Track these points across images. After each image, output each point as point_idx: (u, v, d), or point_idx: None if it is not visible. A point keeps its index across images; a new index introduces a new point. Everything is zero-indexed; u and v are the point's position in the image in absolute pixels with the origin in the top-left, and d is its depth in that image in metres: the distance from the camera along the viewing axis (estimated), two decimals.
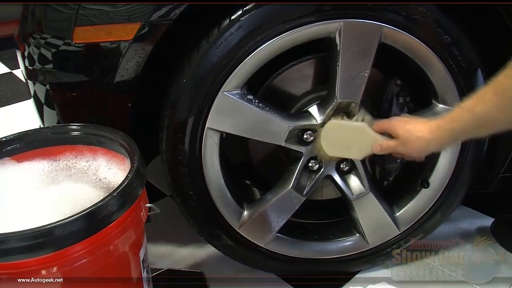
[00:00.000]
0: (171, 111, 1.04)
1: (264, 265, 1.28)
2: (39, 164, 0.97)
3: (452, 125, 0.88)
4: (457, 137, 0.90)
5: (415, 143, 0.94)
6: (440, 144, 0.92)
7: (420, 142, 0.93)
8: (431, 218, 1.25)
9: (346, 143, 1.04)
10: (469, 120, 0.85)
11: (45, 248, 0.71)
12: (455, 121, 0.88)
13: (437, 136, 0.91)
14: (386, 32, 1.00)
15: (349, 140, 1.03)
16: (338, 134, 1.04)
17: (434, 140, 0.91)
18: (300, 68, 1.15)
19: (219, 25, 0.97)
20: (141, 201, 0.85)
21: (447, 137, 0.90)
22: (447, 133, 0.90)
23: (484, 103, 0.83)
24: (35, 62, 1.04)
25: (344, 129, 1.03)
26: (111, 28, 0.97)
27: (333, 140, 1.06)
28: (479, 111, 0.83)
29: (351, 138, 1.03)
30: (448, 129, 0.89)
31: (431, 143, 0.92)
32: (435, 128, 0.91)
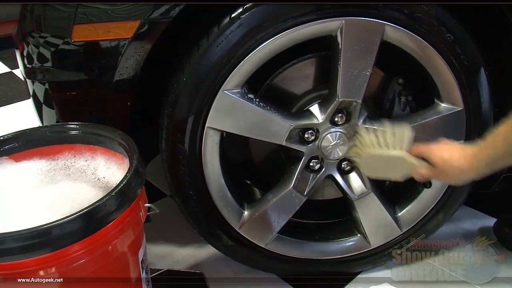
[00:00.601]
0: (171, 110, 1.03)
1: (265, 265, 1.27)
2: (37, 163, 0.96)
3: (487, 152, 0.87)
4: (493, 164, 0.88)
5: (451, 173, 0.93)
6: (476, 173, 0.91)
7: (455, 172, 0.92)
8: (433, 219, 1.24)
9: (385, 167, 1.04)
10: (504, 146, 0.84)
11: (43, 248, 0.70)
12: (490, 148, 0.86)
13: (472, 165, 0.89)
14: (388, 30, 0.99)
15: (388, 165, 1.03)
16: (377, 162, 1.04)
17: (469, 169, 0.90)
18: (301, 67, 1.14)
19: (219, 23, 0.96)
20: (140, 201, 0.84)
21: (483, 165, 0.88)
22: (482, 161, 0.88)
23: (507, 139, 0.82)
24: (34, 60, 1.04)
25: (383, 158, 1.02)
26: (110, 26, 0.96)
27: (372, 166, 1.06)
28: None
29: (390, 164, 1.02)
30: (483, 157, 0.88)
31: (467, 172, 0.91)
32: (471, 156, 0.89)
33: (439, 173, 0.95)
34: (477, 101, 1.09)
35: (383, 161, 1.02)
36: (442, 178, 0.99)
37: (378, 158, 1.03)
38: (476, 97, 1.09)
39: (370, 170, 1.09)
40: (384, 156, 1.01)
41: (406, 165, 1.00)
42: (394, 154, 1.00)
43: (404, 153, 0.99)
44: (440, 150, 0.95)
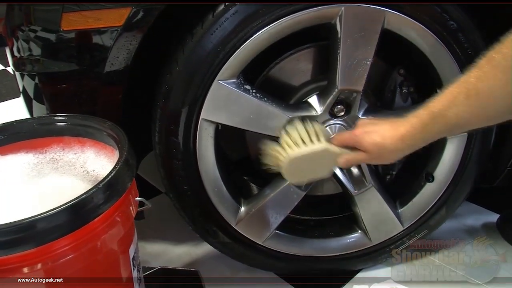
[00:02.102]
0: (164, 101, 1.00)
1: (262, 263, 1.24)
2: (24, 156, 0.92)
3: (424, 132, 0.84)
4: (428, 142, 0.87)
5: (389, 156, 0.90)
6: (411, 149, 0.88)
7: (393, 154, 0.89)
8: (436, 214, 1.21)
9: (309, 167, 0.97)
10: (441, 126, 0.82)
11: (27, 244, 0.66)
12: (427, 128, 0.83)
13: (408, 145, 0.87)
14: (389, 18, 0.96)
15: (312, 163, 0.96)
16: (299, 164, 0.96)
17: (406, 149, 0.88)
18: (299, 57, 1.11)
19: (214, 10, 0.93)
20: (130, 194, 0.80)
21: (419, 143, 0.87)
22: (419, 141, 0.86)
23: (456, 107, 0.78)
24: (23, 50, 1.00)
25: (305, 157, 0.95)
26: (101, 14, 0.93)
27: (295, 170, 0.98)
28: (451, 116, 0.79)
29: (314, 162, 0.96)
30: (420, 137, 0.85)
31: (404, 151, 0.88)
32: (408, 137, 0.86)
33: (374, 158, 0.92)
34: None
35: (307, 160, 0.95)
36: (375, 162, 0.95)
37: (301, 159, 0.95)
38: None
39: (296, 176, 1.00)
40: (307, 154, 0.95)
41: (332, 157, 0.94)
42: (317, 148, 0.94)
43: (326, 144, 0.94)
44: (369, 135, 0.90)
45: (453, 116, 0.79)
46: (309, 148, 0.95)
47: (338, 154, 0.94)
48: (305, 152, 0.95)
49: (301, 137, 0.96)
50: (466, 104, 0.77)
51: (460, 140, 1.10)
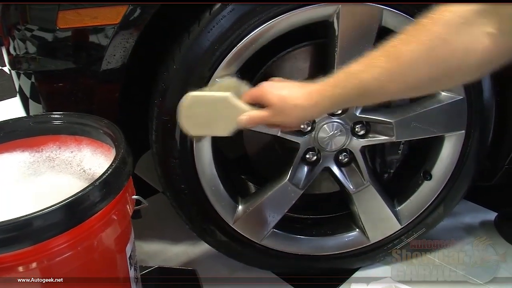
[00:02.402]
0: (161, 99, 0.99)
1: (260, 262, 1.24)
2: (20, 155, 0.92)
3: (334, 91, 0.77)
4: (338, 104, 0.81)
5: (291, 112, 0.82)
6: (319, 111, 0.83)
7: (297, 110, 0.81)
8: (434, 212, 1.21)
9: (209, 118, 0.88)
10: (354, 87, 0.75)
11: (22, 242, 0.65)
12: (339, 87, 0.77)
13: (315, 102, 0.79)
14: (386, 15, 0.95)
15: (213, 114, 0.87)
16: (199, 109, 0.87)
17: (312, 107, 0.80)
18: (296, 55, 1.10)
19: (211, 8, 0.92)
20: (127, 192, 0.80)
21: (327, 103, 0.79)
22: (327, 99, 0.79)
23: (374, 69, 0.72)
24: (19, 49, 1.00)
25: (205, 102, 0.87)
26: (97, 11, 0.92)
27: (193, 116, 0.88)
28: (367, 78, 0.73)
29: (214, 113, 0.87)
30: (329, 95, 0.78)
31: (309, 110, 0.81)
32: (315, 93, 0.79)
33: (276, 115, 0.83)
34: (478, 90, 1.05)
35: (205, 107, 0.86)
36: (279, 120, 0.84)
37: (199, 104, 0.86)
38: (477, 86, 1.05)
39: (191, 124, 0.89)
40: (206, 98, 0.86)
41: (234, 112, 0.85)
42: (219, 95, 0.85)
43: (229, 94, 0.85)
44: (276, 88, 0.84)
45: (369, 77, 0.73)
46: (211, 93, 0.87)
47: (242, 110, 0.85)
48: (205, 95, 0.87)
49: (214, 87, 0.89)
50: (385, 67, 0.71)
51: (458, 138, 1.10)
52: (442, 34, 0.66)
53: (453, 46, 0.66)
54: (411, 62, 0.69)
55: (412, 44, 0.69)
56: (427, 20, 0.67)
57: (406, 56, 0.69)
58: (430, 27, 0.67)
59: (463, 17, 0.64)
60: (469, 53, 0.66)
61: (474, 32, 0.64)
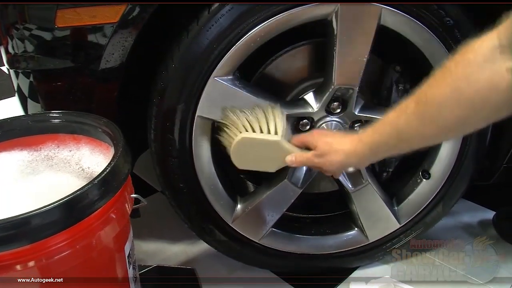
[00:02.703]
0: (160, 98, 0.99)
1: (259, 261, 1.24)
2: (18, 154, 0.91)
3: (373, 137, 0.82)
4: (378, 151, 0.84)
5: (333, 156, 0.88)
6: (359, 159, 0.86)
7: (338, 155, 0.87)
8: (433, 211, 1.21)
9: (258, 156, 0.96)
10: (391, 133, 0.79)
11: (21, 240, 0.65)
12: (376, 133, 0.82)
13: (356, 149, 0.85)
14: (385, 14, 0.95)
15: (262, 154, 0.95)
16: (250, 148, 0.95)
17: (353, 153, 0.85)
18: (295, 54, 1.10)
19: (210, 7, 0.92)
20: (126, 191, 0.80)
21: (367, 150, 0.84)
22: (367, 146, 0.83)
23: (406, 115, 0.76)
24: (17, 48, 0.99)
25: (257, 144, 0.94)
26: (96, 10, 0.92)
27: (243, 154, 0.96)
28: (401, 123, 0.77)
29: (264, 152, 0.95)
30: (368, 142, 0.83)
31: (350, 156, 0.86)
32: (356, 141, 0.85)
33: (319, 156, 0.89)
34: None
35: (256, 147, 0.93)
36: (321, 163, 0.90)
37: (251, 144, 0.94)
38: None
39: (241, 160, 0.97)
40: (259, 141, 0.93)
41: (282, 152, 0.93)
42: (271, 139, 0.93)
43: (281, 138, 0.93)
44: (322, 134, 0.92)
45: (403, 123, 0.77)
46: (264, 136, 0.93)
47: (289, 152, 0.92)
48: (258, 138, 0.93)
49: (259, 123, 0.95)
50: (415, 112, 0.74)
51: None
52: (465, 74, 0.67)
53: (477, 85, 0.67)
54: (439, 104, 0.71)
55: (438, 87, 0.71)
56: (451, 63, 0.70)
57: (433, 99, 0.71)
58: (453, 69, 0.69)
59: (484, 55, 0.65)
60: (493, 91, 0.66)
61: (496, 69, 0.64)
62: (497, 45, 0.64)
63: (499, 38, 0.64)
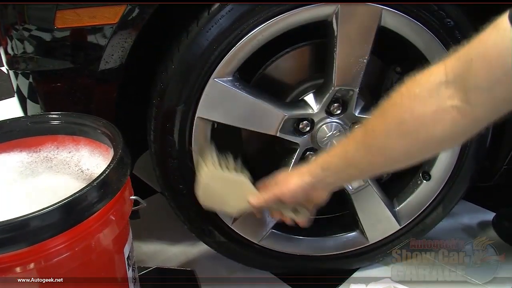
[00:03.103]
0: (159, 99, 0.99)
1: (259, 262, 1.23)
2: (17, 155, 0.91)
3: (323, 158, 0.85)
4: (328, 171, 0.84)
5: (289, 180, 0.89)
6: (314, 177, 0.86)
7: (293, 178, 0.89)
8: (433, 212, 1.20)
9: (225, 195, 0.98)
10: (340, 155, 0.81)
11: (20, 242, 0.65)
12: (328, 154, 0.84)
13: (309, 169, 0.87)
14: (385, 15, 0.95)
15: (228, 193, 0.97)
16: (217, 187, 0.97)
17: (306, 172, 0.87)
18: (295, 55, 1.10)
19: (209, 7, 0.92)
20: (125, 193, 0.80)
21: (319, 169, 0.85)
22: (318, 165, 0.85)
23: (355, 143, 0.78)
24: (17, 49, 0.99)
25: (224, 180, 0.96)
26: (95, 11, 0.92)
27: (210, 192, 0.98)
28: (350, 149, 0.79)
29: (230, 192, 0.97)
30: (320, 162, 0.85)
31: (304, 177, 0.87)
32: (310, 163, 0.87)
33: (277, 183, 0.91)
34: None
35: (225, 185, 0.96)
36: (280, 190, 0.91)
37: (218, 182, 0.96)
38: None
39: (208, 198, 0.99)
40: (226, 179, 0.96)
41: (247, 192, 0.95)
42: (239, 178, 0.96)
43: (244, 178, 0.96)
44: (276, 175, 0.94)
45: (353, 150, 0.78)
46: (233, 174, 0.96)
47: (253, 192, 0.95)
48: (226, 176, 0.96)
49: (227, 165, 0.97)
50: (362, 141, 0.76)
51: None
52: (410, 108, 0.69)
53: (422, 119, 0.68)
54: (384, 135, 0.73)
55: (385, 118, 0.73)
56: (397, 95, 0.71)
57: (379, 129, 0.73)
58: (399, 101, 0.71)
59: (430, 90, 0.67)
60: (437, 125, 0.67)
61: (441, 104, 0.66)
62: (443, 80, 0.65)
63: (446, 73, 0.65)
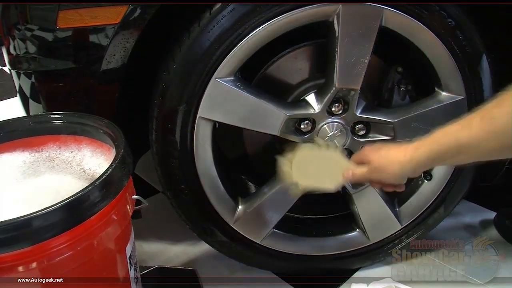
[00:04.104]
0: (161, 99, 0.99)
1: (260, 262, 1.23)
2: (20, 155, 0.92)
3: (431, 146, 0.83)
4: (434, 159, 0.84)
5: (389, 168, 0.88)
6: (415, 166, 0.86)
7: (393, 166, 0.87)
8: (434, 212, 1.21)
9: (319, 172, 0.97)
10: (451, 144, 0.80)
11: (23, 242, 0.65)
12: (435, 143, 0.82)
13: (411, 157, 0.85)
14: (387, 15, 0.95)
15: (322, 169, 0.97)
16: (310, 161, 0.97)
17: (408, 162, 0.85)
18: (296, 55, 1.10)
19: (211, 8, 0.92)
20: (127, 192, 0.80)
21: (423, 158, 0.84)
22: (424, 154, 0.84)
23: (469, 129, 0.77)
24: (19, 49, 0.99)
25: (318, 157, 0.96)
26: (97, 11, 0.92)
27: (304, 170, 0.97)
28: (463, 136, 0.78)
29: (324, 167, 0.96)
30: (426, 151, 0.83)
31: (406, 165, 0.86)
32: (411, 149, 0.85)
33: (375, 171, 0.90)
34: (479, 90, 1.05)
35: (316, 163, 0.96)
36: (378, 176, 0.91)
37: (310, 159, 0.96)
38: (478, 86, 1.05)
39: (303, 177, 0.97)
40: (317, 156, 0.96)
41: (340, 167, 0.94)
42: (329, 154, 0.95)
43: (339, 153, 0.95)
44: (377, 148, 0.91)
45: (465, 136, 0.78)
46: (322, 150, 0.96)
47: (347, 166, 0.94)
48: (316, 152, 0.96)
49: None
50: (479, 127, 0.76)
51: None
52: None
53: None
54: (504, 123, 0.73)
55: (503, 107, 0.73)
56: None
57: (499, 118, 0.74)
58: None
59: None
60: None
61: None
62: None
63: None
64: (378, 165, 0.89)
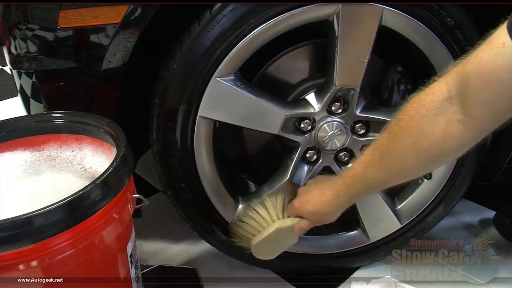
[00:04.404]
0: (161, 99, 0.99)
1: (261, 261, 1.22)
2: (21, 154, 0.92)
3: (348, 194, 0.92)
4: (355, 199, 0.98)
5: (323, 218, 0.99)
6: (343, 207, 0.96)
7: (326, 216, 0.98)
8: (434, 211, 1.21)
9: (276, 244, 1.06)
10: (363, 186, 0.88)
11: (23, 240, 0.66)
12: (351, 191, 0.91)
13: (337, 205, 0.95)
14: (386, 15, 0.95)
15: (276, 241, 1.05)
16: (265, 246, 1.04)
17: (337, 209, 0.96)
18: (296, 55, 1.10)
19: (211, 7, 0.92)
20: (128, 191, 0.80)
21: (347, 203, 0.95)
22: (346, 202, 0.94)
23: (373, 168, 0.84)
24: (20, 48, 1.00)
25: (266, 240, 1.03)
26: (98, 11, 0.92)
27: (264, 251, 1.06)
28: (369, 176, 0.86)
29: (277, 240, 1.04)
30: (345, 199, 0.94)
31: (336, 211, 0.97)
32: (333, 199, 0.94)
33: (316, 222, 1.00)
34: None
35: (269, 241, 1.02)
36: (319, 224, 1.01)
37: (264, 242, 1.03)
38: None
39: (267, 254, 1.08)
40: (266, 237, 1.02)
41: (288, 230, 1.02)
42: (271, 230, 1.01)
43: (278, 223, 1.02)
44: (303, 205, 0.99)
45: (372, 176, 0.85)
46: (265, 233, 1.02)
47: (292, 226, 1.01)
48: (262, 238, 1.02)
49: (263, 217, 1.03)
50: (381, 165, 0.83)
51: None
52: (420, 129, 0.75)
53: (433, 137, 0.74)
54: (402, 156, 0.80)
55: (399, 141, 0.79)
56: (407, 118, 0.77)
57: (397, 152, 0.80)
58: (410, 124, 0.76)
59: (436, 109, 0.72)
60: (447, 140, 0.73)
61: (448, 120, 0.72)
62: (446, 96, 0.71)
63: (448, 90, 0.71)
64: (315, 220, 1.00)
